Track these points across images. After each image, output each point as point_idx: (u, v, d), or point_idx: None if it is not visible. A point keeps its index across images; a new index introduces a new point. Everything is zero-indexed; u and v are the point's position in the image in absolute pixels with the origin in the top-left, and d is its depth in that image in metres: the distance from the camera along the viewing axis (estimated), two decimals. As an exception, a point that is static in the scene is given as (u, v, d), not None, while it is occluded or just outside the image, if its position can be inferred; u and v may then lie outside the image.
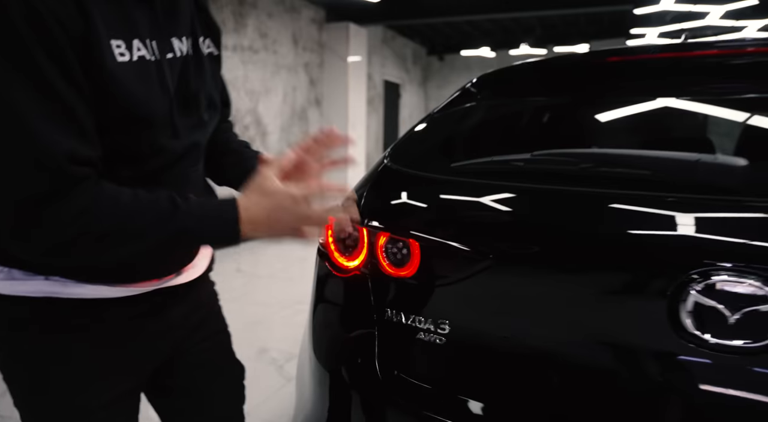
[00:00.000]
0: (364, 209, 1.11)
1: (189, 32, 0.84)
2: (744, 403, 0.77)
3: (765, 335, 0.73)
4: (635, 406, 0.84)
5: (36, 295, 0.77)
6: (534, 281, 0.93)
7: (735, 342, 0.75)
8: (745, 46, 1.21)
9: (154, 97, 0.76)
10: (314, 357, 1.14)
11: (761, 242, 0.76)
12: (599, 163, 0.96)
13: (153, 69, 0.75)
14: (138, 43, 0.73)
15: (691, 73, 1.20)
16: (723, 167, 0.87)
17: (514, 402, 0.93)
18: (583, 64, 1.32)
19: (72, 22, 0.64)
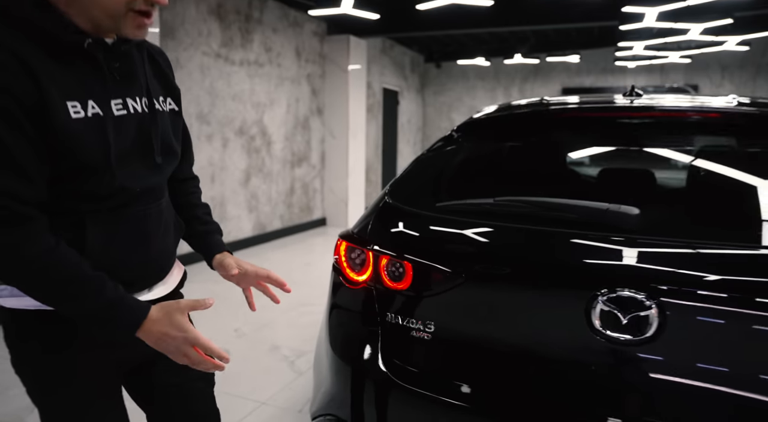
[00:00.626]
0: (370, 236, 1.44)
1: (143, 93, 1.04)
2: (629, 373, 1.13)
3: (644, 331, 1.07)
4: (565, 377, 1.18)
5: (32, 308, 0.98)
6: (495, 293, 1.27)
7: (625, 336, 1.09)
8: (673, 111, 1.55)
9: (109, 146, 0.95)
10: (330, 349, 1.47)
11: (645, 265, 1.10)
12: (542, 208, 1.30)
13: (108, 123, 0.95)
14: (92, 103, 0.93)
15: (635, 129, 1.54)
16: (622, 214, 1.20)
17: (479, 380, 1.26)
18: (546, 118, 1.66)
19: (25, 93, 0.85)
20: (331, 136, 7.69)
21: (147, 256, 1.08)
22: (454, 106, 11.23)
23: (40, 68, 0.88)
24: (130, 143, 1.01)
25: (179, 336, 0.96)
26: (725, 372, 1.07)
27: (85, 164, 0.93)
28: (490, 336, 1.26)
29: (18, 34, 0.89)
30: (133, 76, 1.04)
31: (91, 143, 0.93)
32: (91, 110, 0.94)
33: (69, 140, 0.90)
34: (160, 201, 1.11)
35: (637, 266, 1.11)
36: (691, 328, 1.08)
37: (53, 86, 0.89)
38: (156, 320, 0.96)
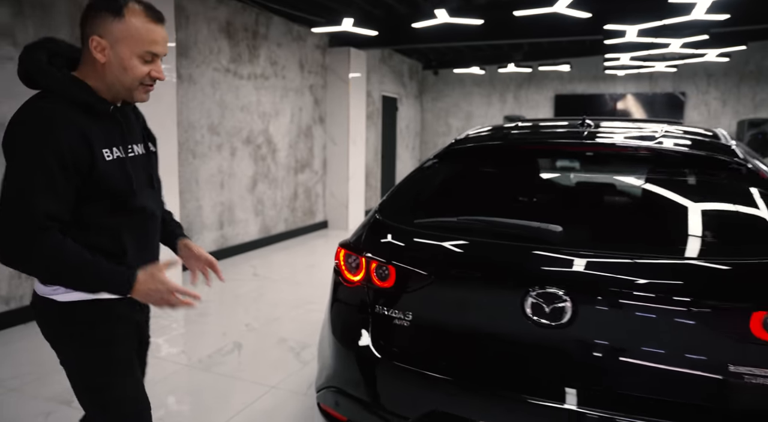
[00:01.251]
0: (363, 245, 1.83)
1: (141, 140, 1.50)
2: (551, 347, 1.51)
3: (561, 318, 1.46)
4: (507, 350, 1.57)
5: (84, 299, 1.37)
6: (456, 290, 1.66)
7: (548, 321, 1.48)
8: (599, 146, 1.94)
9: (131, 177, 1.38)
10: (332, 334, 1.86)
11: (563, 269, 1.49)
12: (492, 225, 1.69)
13: (127, 162, 1.39)
14: (115, 149, 1.37)
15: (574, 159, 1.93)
16: (550, 231, 1.59)
17: (445, 355, 1.65)
18: (506, 150, 2.06)
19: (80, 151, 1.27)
20: (332, 142, 8.08)
21: (154, 255, 1.54)
22: (451, 112, 11.61)
23: (86, 128, 1.31)
24: (141, 176, 1.45)
25: (162, 288, 1.34)
26: (618, 346, 1.46)
27: (117, 190, 1.37)
28: (453, 322, 1.65)
29: (67, 102, 1.30)
30: (133, 128, 1.49)
31: (119, 176, 1.37)
32: (116, 154, 1.38)
33: (106, 174, 1.34)
34: (156, 216, 1.55)
35: (558, 270, 1.50)
36: (594, 316, 1.47)
37: (95, 140, 1.32)
38: (143, 281, 1.33)
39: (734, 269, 1.44)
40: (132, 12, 1.33)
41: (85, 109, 1.33)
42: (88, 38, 1.34)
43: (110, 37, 1.33)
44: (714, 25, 5.82)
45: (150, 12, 1.37)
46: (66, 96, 1.31)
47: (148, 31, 1.35)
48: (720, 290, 1.42)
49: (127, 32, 1.33)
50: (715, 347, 1.38)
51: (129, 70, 1.35)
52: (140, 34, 1.34)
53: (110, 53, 1.34)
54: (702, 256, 1.51)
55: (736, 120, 9.23)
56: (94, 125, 1.34)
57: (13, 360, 3.28)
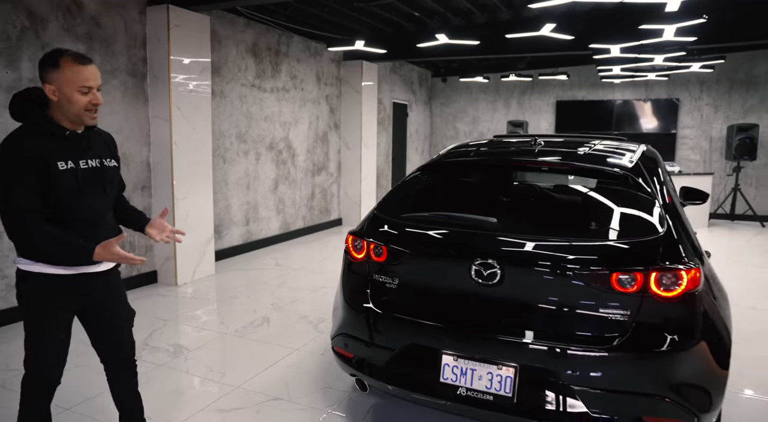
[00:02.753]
0: (365, 233, 2.57)
1: (96, 156, 2.00)
2: (488, 299, 2.23)
3: (494, 280, 2.18)
4: (460, 301, 2.29)
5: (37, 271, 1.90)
6: (427, 261, 2.40)
7: (487, 282, 2.20)
8: (552, 164, 2.67)
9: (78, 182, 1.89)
10: (343, 296, 2.61)
11: (496, 247, 2.23)
12: (453, 218, 2.41)
13: (78, 171, 1.90)
14: (69, 161, 1.87)
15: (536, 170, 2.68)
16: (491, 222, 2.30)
17: (421, 306, 2.38)
18: (471, 164, 2.80)
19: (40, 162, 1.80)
20: (346, 147, 8.84)
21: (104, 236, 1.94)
22: (458, 117, 12.30)
23: (44, 148, 1.88)
24: (91, 182, 1.97)
25: (114, 257, 1.88)
26: (530, 297, 2.18)
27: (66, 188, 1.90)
28: (425, 283, 2.38)
29: (35, 131, 1.90)
30: (91, 147, 2.03)
31: (68, 181, 1.90)
32: (67, 165, 1.92)
33: (58, 180, 1.88)
34: (106, 216, 2.07)
35: (493, 247, 2.22)
36: (515, 278, 2.19)
37: (51, 155, 1.88)
38: (99, 252, 1.86)
39: (603, 247, 2.16)
40: (65, 61, 1.89)
41: (46, 133, 1.91)
42: (43, 86, 1.92)
43: (56, 83, 1.89)
44: (687, 43, 6.47)
45: (78, 58, 1.91)
46: (31, 125, 1.93)
47: (79, 73, 1.89)
48: (594, 260, 2.12)
49: (64, 77, 1.88)
50: (590, 296, 2.09)
51: (73, 102, 1.90)
52: (74, 76, 1.89)
53: (59, 93, 1.90)
54: (585, 238, 2.22)
55: (727, 125, 9.79)
56: (52, 145, 1.90)
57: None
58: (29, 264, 1.95)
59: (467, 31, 6.94)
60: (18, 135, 1.91)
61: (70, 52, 1.93)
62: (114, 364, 2.27)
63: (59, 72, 1.89)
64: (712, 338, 2.11)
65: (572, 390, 2.05)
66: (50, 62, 1.90)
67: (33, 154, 1.86)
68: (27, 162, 1.85)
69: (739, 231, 8.91)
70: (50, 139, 1.92)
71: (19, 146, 1.87)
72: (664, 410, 2.00)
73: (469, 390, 2.19)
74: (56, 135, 1.93)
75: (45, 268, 1.94)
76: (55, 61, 1.90)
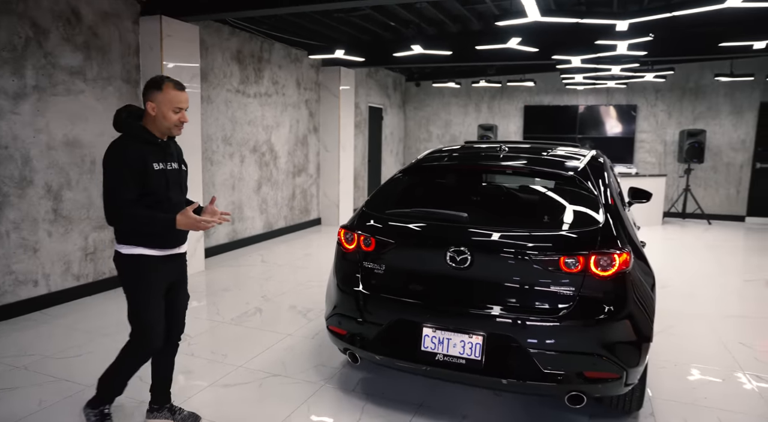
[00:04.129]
0: (355, 226, 3.00)
1: (176, 160, 2.55)
2: (461, 280, 2.67)
3: (465, 264, 2.62)
4: (438, 283, 2.73)
5: (138, 253, 2.41)
6: (409, 250, 2.83)
7: (460, 266, 2.65)
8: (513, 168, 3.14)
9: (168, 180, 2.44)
10: (335, 281, 3.03)
11: (467, 237, 2.68)
12: (430, 214, 2.85)
13: (167, 172, 2.45)
14: (161, 163, 2.43)
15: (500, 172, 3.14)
16: (463, 216, 2.74)
17: (404, 288, 2.82)
18: (446, 167, 3.26)
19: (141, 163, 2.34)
20: (325, 149, 9.23)
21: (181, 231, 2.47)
22: (431, 120, 12.81)
23: (143, 152, 2.39)
24: (174, 180, 2.51)
25: (191, 220, 2.33)
26: (495, 278, 2.64)
27: (157, 185, 2.41)
28: (407, 268, 2.82)
29: (136, 139, 2.41)
30: (172, 153, 2.56)
31: (160, 179, 2.42)
32: (160, 166, 2.44)
33: (152, 177, 2.39)
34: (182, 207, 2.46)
35: (465, 237, 2.68)
36: (483, 262, 2.65)
37: (148, 158, 2.39)
38: (180, 219, 2.33)
39: (554, 236, 2.64)
40: (167, 86, 2.42)
41: (143, 141, 2.42)
42: (145, 103, 2.44)
43: (156, 102, 2.41)
44: (639, 57, 7.08)
45: (177, 85, 2.45)
46: (131, 134, 2.42)
47: (176, 96, 2.43)
48: (546, 247, 2.60)
49: (164, 98, 2.41)
50: (544, 275, 2.55)
51: (167, 118, 2.43)
52: (172, 99, 2.42)
53: (157, 110, 2.42)
54: (540, 229, 2.70)
55: (679, 130, 10.54)
56: (147, 148, 2.42)
57: (96, 317, 4.41)
58: (131, 248, 2.42)
59: (440, 41, 7.42)
60: (123, 142, 2.41)
61: (171, 79, 2.46)
62: (172, 337, 2.68)
63: (161, 93, 2.42)
64: (639, 308, 2.60)
65: (529, 353, 2.51)
66: (155, 85, 2.42)
67: (135, 156, 2.36)
68: (130, 163, 2.34)
69: (690, 228, 9.64)
70: (147, 145, 2.43)
71: (124, 150, 2.37)
72: (601, 366, 2.49)
73: (445, 356, 2.64)
74: (151, 142, 2.45)
75: (144, 250, 2.42)
76: (159, 85, 2.42)
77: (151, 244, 2.44)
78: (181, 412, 2.78)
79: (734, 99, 10.21)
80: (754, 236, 8.95)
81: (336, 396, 3.17)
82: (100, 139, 4.98)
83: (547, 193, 3.04)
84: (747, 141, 10.20)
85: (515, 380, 2.53)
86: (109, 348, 3.79)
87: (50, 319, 4.37)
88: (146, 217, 2.35)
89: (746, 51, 6.89)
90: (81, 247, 4.90)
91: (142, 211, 2.35)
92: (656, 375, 3.50)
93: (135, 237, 2.42)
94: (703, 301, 5.23)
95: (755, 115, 10.11)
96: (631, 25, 4.89)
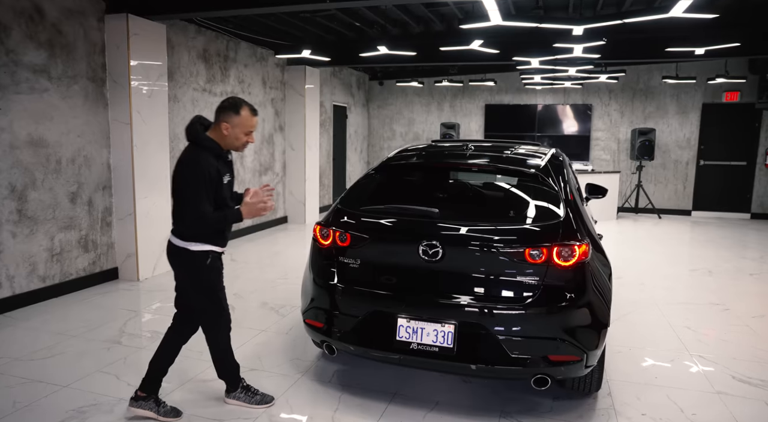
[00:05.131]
0: (331, 223, 3.12)
1: (232, 172, 2.86)
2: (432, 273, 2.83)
3: (437, 257, 2.78)
4: (410, 275, 2.88)
5: (207, 249, 2.74)
6: (382, 245, 2.98)
7: (432, 259, 2.80)
8: (479, 166, 3.32)
9: (229, 189, 2.81)
10: (312, 276, 3.14)
11: (438, 231, 2.84)
12: (403, 209, 3.01)
13: (231, 183, 2.83)
14: (228, 175, 2.79)
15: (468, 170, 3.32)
16: (433, 211, 2.91)
17: (378, 281, 2.96)
18: (417, 165, 3.42)
19: (216, 177, 2.66)
20: (290, 148, 9.27)
21: None
22: (395, 119, 12.98)
23: (216, 165, 2.64)
24: (231, 189, 2.83)
25: (251, 207, 2.70)
26: (464, 269, 2.81)
27: (224, 195, 2.74)
28: (381, 262, 2.96)
29: (210, 152, 2.65)
30: (231, 165, 2.85)
31: (226, 188, 2.75)
32: (228, 178, 2.78)
33: (221, 189, 2.71)
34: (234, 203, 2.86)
35: (436, 232, 2.84)
36: (453, 255, 2.81)
37: (220, 170, 2.69)
38: (244, 209, 2.70)
39: (520, 229, 2.83)
40: (244, 110, 2.67)
41: (215, 154, 2.68)
42: (220, 122, 2.66)
43: (231, 123, 2.66)
44: (594, 59, 7.45)
45: (253, 110, 2.71)
46: (206, 147, 2.66)
47: (251, 120, 2.70)
48: (512, 240, 2.78)
49: (239, 121, 2.66)
50: (510, 266, 2.74)
51: (239, 139, 2.71)
52: (246, 123, 2.68)
53: (230, 130, 2.67)
54: (506, 223, 2.89)
55: (631, 129, 11.06)
56: (218, 162, 2.70)
57: (64, 319, 4.37)
58: (200, 245, 2.71)
59: (404, 41, 7.59)
60: (196, 153, 2.65)
61: (248, 103, 2.70)
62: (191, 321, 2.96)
63: (238, 117, 2.66)
64: (597, 296, 2.82)
65: (497, 339, 2.70)
66: (233, 108, 2.66)
67: (212, 170, 2.63)
68: (208, 176, 2.60)
69: (642, 222, 10.16)
70: (217, 159, 2.69)
71: (198, 161, 2.61)
72: (564, 349, 2.69)
73: (419, 345, 2.79)
74: (222, 156, 2.73)
75: (210, 247, 2.73)
76: (237, 109, 2.66)
77: (215, 242, 2.75)
78: (164, 406, 2.86)
79: (680, 100, 10.80)
80: (699, 229, 9.52)
81: (313, 388, 3.28)
82: (66, 138, 4.92)
83: (511, 190, 3.24)
84: (692, 139, 10.80)
85: (485, 365, 2.71)
86: (79, 348, 3.79)
87: (15, 322, 4.30)
88: (220, 217, 2.67)
89: (689, 56, 7.36)
90: (47, 248, 4.83)
91: (215, 213, 2.65)
92: (612, 359, 3.76)
93: (204, 236, 2.70)
94: (654, 290, 5.59)
95: (698, 116, 10.72)
96: (586, 30, 5.18)
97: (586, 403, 3.13)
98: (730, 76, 9.46)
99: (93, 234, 5.30)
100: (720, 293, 5.52)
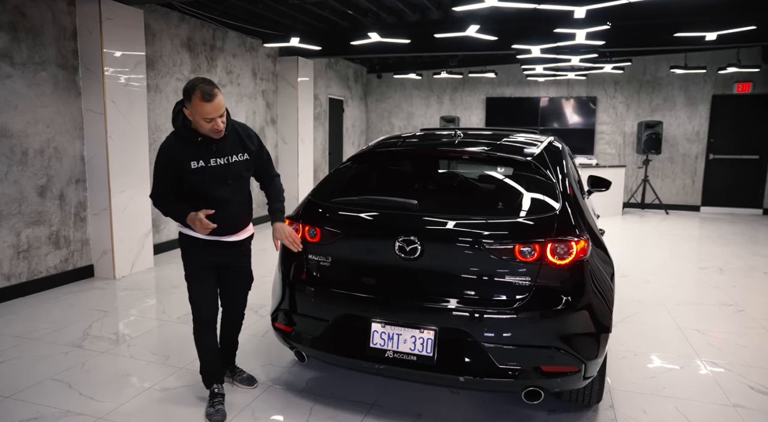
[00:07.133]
0: (301, 216, 2.80)
1: (225, 155, 2.59)
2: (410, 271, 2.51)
3: (415, 254, 2.46)
4: (386, 273, 2.56)
5: (185, 233, 2.64)
6: (356, 240, 2.66)
7: (409, 256, 2.48)
8: (468, 153, 3.00)
9: (206, 177, 2.54)
10: (281, 275, 2.83)
11: (417, 225, 2.52)
12: (379, 201, 2.69)
13: (207, 169, 2.55)
14: (201, 161, 2.53)
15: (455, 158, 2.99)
16: (413, 203, 2.59)
17: (350, 280, 2.64)
18: (397, 154, 3.10)
19: (177, 163, 2.51)
20: (283, 142, 8.96)
21: (227, 222, 2.64)
22: (393, 112, 12.65)
23: (182, 150, 2.50)
24: (216, 176, 2.57)
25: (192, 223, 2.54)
26: (445, 268, 2.49)
27: (195, 183, 2.52)
28: (354, 259, 2.64)
29: (178, 138, 2.54)
30: (222, 148, 2.59)
31: (198, 177, 2.52)
32: (199, 164, 2.53)
33: (190, 176, 2.52)
34: (233, 200, 2.67)
35: (414, 226, 2.51)
36: (434, 252, 2.49)
37: (185, 156, 2.51)
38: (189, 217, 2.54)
39: (509, 223, 2.50)
40: (195, 96, 2.40)
41: (188, 140, 2.53)
42: (184, 107, 2.48)
43: (189, 109, 2.46)
44: (598, 46, 7.08)
45: (204, 96, 2.39)
46: (176, 133, 2.56)
47: (202, 107, 2.41)
48: (501, 234, 2.46)
49: (192, 108, 2.43)
50: (497, 265, 2.41)
51: (201, 126, 2.47)
52: (199, 110, 2.42)
53: (192, 117, 2.47)
54: (495, 217, 2.56)
55: (637, 122, 10.68)
56: (188, 147, 2.52)
57: (28, 320, 4.08)
58: (184, 229, 2.67)
59: (399, 30, 7.25)
60: (167, 140, 2.59)
61: (202, 87, 2.40)
62: (228, 311, 2.96)
63: (190, 103, 2.44)
64: (597, 298, 2.50)
65: (483, 347, 2.38)
66: (186, 94, 2.44)
67: (172, 157, 2.52)
68: (167, 163, 2.54)
69: (648, 218, 9.79)
70: (187, 144, 2.53)
71: (164, 150, 2.56)
72: (559, 359, 2.37)
73: (395, 353, 2.48)
74: (196, 143, 2.53)
75: (190, 232, 2.64)
76: (189, 94, 2.42)
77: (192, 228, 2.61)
78: (241, 374, 3.12)
79: (689, 91, 10.40)
80: (708, 225, 9.14)
81: (283, 397, 2.98)
82: (33, 128, 4.63)
83: (502, 180, 2.91)
84: (701, 132, 10.41)
85: (469, 376, 2.39)
86: (37, 353, 3.50)
87: (-23, 323, 4.02)
88: (166, 205, 2.62)
89: (699, 43, 6.96)
90: (12, 245, 4.54)
91: (172, 202, 2.60)
92: (616, 365, 3.43)
93: None
94: (661, 289, 5.24)
95: (708, 108, 10.32)
96: (589, 12, 4.83)
97: (585, 417, 2.80)
98: (742, 66, 9.05)
99: (65, 230, 5.01)
100: (732, 292, 5.17)
